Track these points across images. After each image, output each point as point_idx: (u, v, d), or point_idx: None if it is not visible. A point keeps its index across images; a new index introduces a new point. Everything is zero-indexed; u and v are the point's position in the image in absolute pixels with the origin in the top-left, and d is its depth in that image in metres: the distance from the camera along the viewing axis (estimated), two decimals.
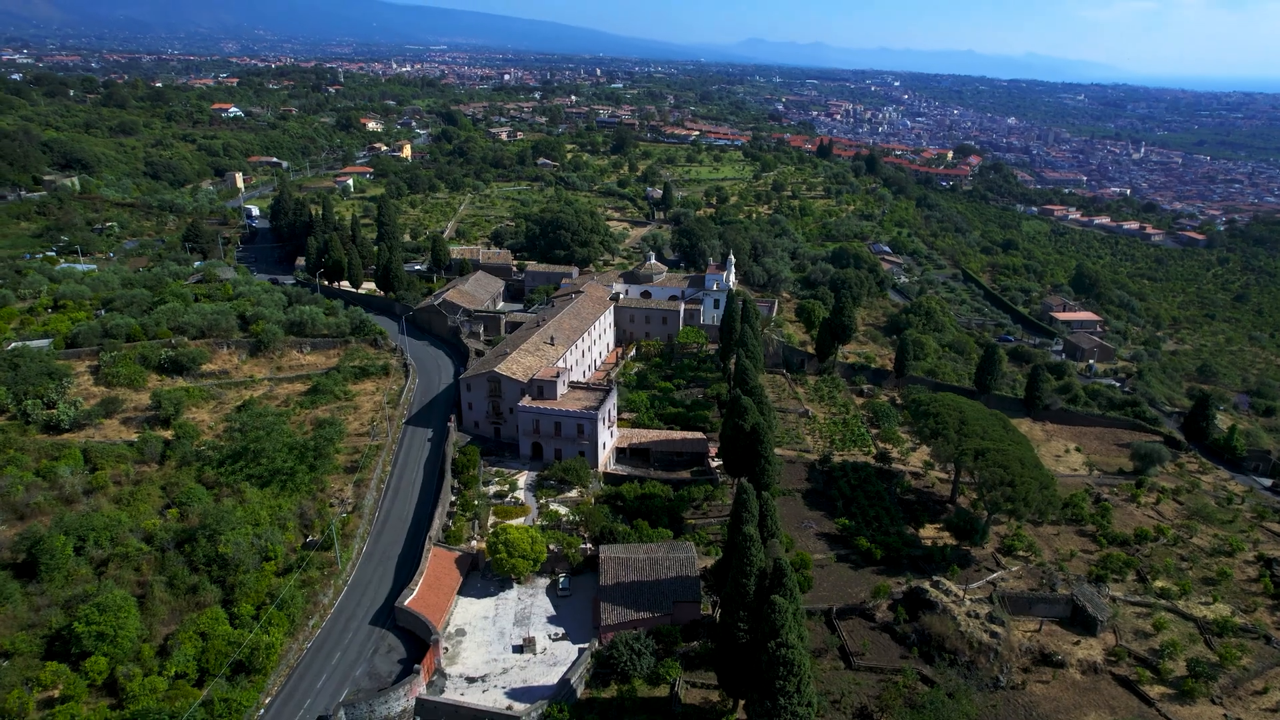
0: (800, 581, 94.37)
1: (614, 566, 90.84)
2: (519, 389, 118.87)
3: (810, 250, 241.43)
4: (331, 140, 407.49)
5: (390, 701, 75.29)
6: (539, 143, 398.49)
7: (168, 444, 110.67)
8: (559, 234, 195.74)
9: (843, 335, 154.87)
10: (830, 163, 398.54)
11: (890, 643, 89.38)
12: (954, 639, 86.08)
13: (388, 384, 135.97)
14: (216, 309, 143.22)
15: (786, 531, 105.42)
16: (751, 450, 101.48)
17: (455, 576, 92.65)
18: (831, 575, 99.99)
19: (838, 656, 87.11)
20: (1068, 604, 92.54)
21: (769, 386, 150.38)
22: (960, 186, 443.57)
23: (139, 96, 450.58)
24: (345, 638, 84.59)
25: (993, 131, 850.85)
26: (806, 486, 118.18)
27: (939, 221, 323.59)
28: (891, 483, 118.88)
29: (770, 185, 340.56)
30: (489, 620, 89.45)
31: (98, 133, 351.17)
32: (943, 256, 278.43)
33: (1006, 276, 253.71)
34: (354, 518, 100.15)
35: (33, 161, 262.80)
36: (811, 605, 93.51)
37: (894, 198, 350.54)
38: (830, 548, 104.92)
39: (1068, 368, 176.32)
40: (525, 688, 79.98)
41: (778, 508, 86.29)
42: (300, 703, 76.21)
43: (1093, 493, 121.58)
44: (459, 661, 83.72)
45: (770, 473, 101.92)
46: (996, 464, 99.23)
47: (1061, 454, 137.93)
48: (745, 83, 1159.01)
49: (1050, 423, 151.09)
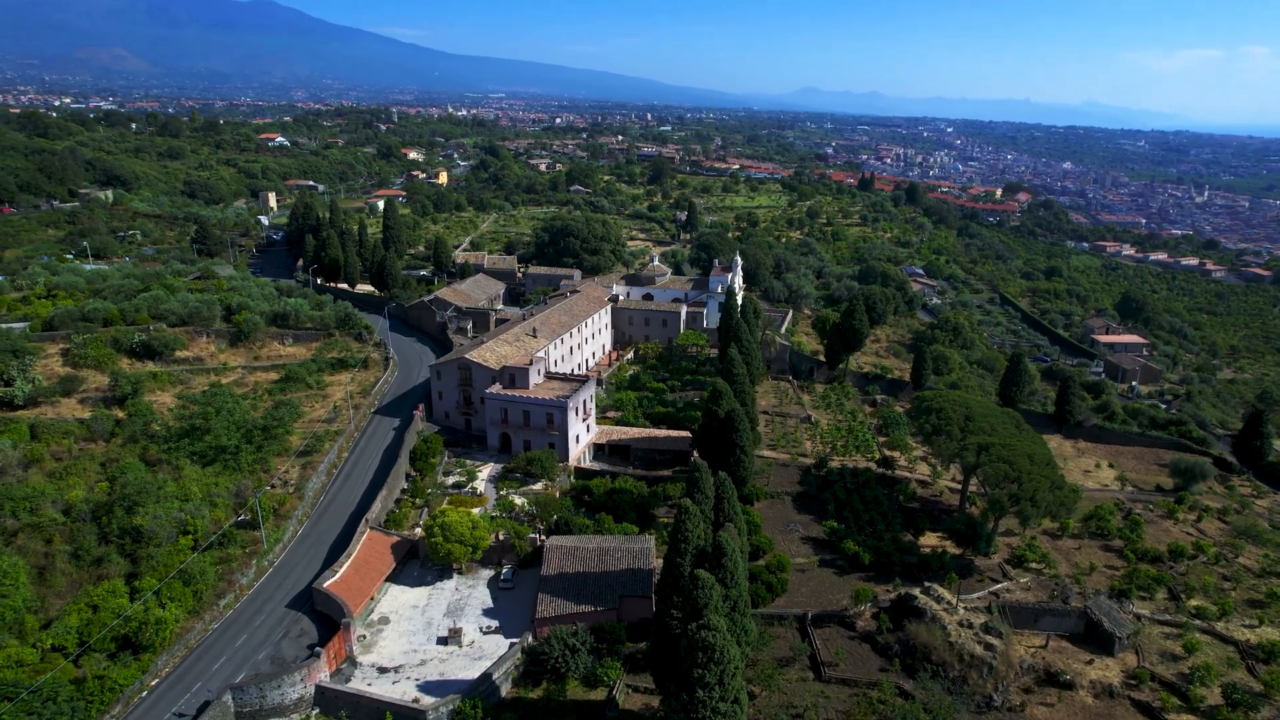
0: (774, 584, 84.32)
1: (559, 556, 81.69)
2: (490, 377, 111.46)
3: (836, 269, 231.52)
4: (370, 167, 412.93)
5: (284, 687, 66.95)
6: (573, 170, 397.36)
7: (118, 422, 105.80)
8: (568, 241, 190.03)
9: (853, 341, 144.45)
10: (870, 194, 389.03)
11: (870, 654, 78.10)
12: (941, 650, 74.52)
13: (366, 376, 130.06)
14: (200, 298, 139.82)
15: (768, 534, 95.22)
16: (725, 439, 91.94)
17: (388, 562, 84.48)
18: (812, 580, 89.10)
19: (807, 666, 76.15)
20: (1080, 618, 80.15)
21: (772, 392, 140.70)
22: (1007, 222, 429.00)
23: (194, 128, 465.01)
24: (257, 620, 76.85)
25: (1046, 175, 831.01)
26: (798, 490, 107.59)
27: (979, 249, 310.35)
28: (893, 489, 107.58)
29: (804, 212, 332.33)
30: (418, 610, 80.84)
31: (146, 157, 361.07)
32: (980, 281, 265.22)
33: (1047, 300, 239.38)
34: (291, 498, 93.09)
35: (71, 176, 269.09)
36: (783, 610, 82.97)
37: (934, 227, 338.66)
38: (815, 552, 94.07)
39: (1106, 386, 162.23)
40: (441, 681, 70.92)
41: (734, 490, 76.55)
42: (190, 685, 68.36)
43: (1123, 508, 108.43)
44: (375, 650, 75.12)
45: (746, 464, 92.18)
46: (1001, 459, 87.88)
47: (1091, 469, 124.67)
48: (796, 128, 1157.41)
49: (1083, 440, 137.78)
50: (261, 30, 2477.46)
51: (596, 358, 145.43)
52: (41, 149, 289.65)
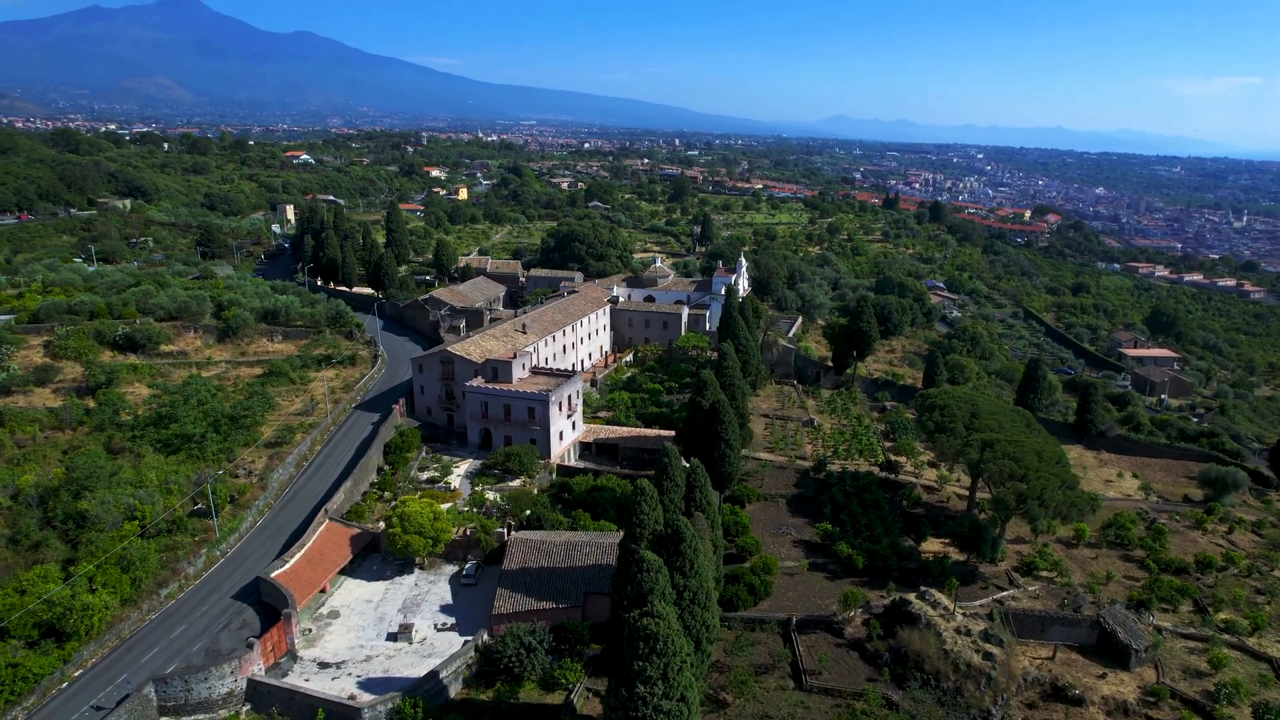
0: (757, 586, 77.96)
1: (523, 550, 76.12)
2: (473, 370, 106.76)
3: (853, 280, 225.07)
4: (391, 184, 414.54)
5: (212, 680, 61.88)
6: (592, 187, 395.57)
7: (88, 411, 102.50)
8: (573, 246, 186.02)
9: (861, 345, 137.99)
10: (893, 212, 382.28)
11: (858, 662, 71.32)
12: (935, 659, 67.60)
13: (352, 373, 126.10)
14: (191, 294, 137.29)
15: (757, 536, 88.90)
16: (709, 432, 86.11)
17: (344, 554, 79.40)
18: (801, 584, 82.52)
19: (787, 674, 69.58)
20: (1093, 628, 72.73)
21: (774, 396, 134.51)
22: (1035, 243, 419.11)
23: (223, 146, 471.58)
24: (199, 611, 72.03)
25: (1079, 200, 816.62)
26: (794, 493, 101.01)
27: (1004, 266, 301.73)
28: (896, 494, 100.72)
29: (824, 229, 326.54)
30: (371, 605, 75.54)
31: (171, 172, 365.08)
32: (1004, 297, 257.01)
33: (1072, 315, 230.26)
34: (253, 488, 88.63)
35: (90, 185, 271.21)
36: (765, 614, 76.50)
37: (958, 244, 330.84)
38: (807, 555, 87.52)
39: (1132, 398, 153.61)
40: (385, 678, 65.44)
41: (706, 479, 70.68)
42: (115, 677, 63.47)
43: (1146, 517, 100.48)
44: (319, 645, 69.86)
45: (731, 459, 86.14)
46: (1007, 455, 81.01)
47: (1113, 479, 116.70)
48: (824, 153, 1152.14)
49: (1106, 452, 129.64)
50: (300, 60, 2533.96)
51: (593, 359, 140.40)
52: (66, 161, 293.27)
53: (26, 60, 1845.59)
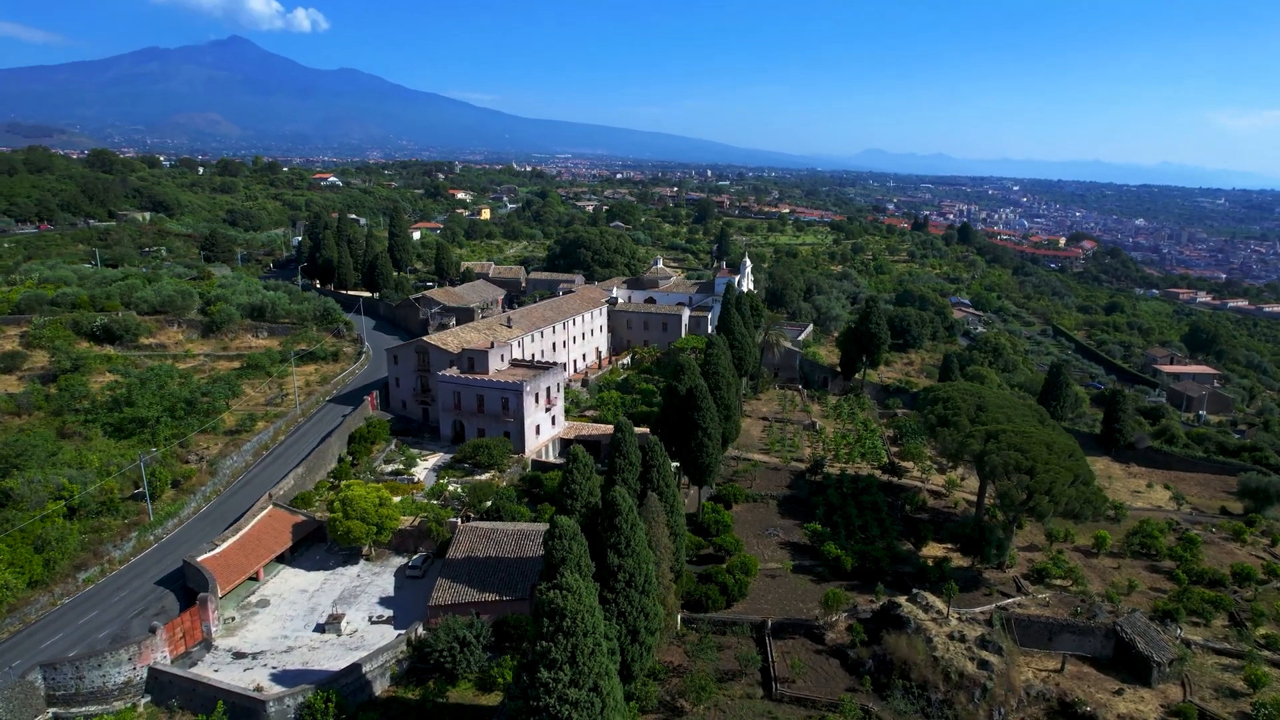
0: (730, 586, 70.41)
1: (470, 539, 69.55)
2: (448, 361, 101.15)
3: (872, 293, 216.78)
4: (416, 205, 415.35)
5: (107, 668, 55.85)
6: (614, 208, 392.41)
7: (48, 397, 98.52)
8: (579, 252, 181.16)
9: (870, 347, 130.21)
10: (921, 234, 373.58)
11: (838, 670, 63.29)
12: (924, 667, 59.43)
13: (334, 368, 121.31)
14: (177, 288, 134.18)
15: (739, 536, 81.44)
16: (686, 420, 79.14)
17: (283, 541, 73.40)
18: (783, 586, 74.72)
19: (756, 681, 61.82)
20: (1108, 637, 63.96)
21: (777, 400, 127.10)
22: (1070, 268, 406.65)
23: (254, 169, 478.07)
24: (117, 595, 66.37)
25: (1117, 231, 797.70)
26: (786, 493, 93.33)
27: (1034, 286, 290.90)
28: (898, 498, 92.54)
29: (849, 248, 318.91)
30: (306, 594, 69.28)
31: (199, 191, 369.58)
32: (1033, 315, 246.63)
33: (1104, 332, 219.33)
34: (200, 473, 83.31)
35: (112, 199, 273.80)
36: (738, 616, 68.83)
37: (987, 266, 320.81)
38: (793, 557, 79.74)
39: (1166, 411, 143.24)
40: (304, 670, 58.93)
41: (666, 459, 63.69)
42: (7, 663, 57.82)
43: (1177, 528, 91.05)
44: (240, 634, 63.63)
45: (710, 449, 78.90)
46: (1012, 446, 72.91)
47: (1141, 489, 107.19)
48: (857, 185, 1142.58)
49: (1136, 465, 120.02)
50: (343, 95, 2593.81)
51: (588, 360, 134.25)
52: (93, 177, 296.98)
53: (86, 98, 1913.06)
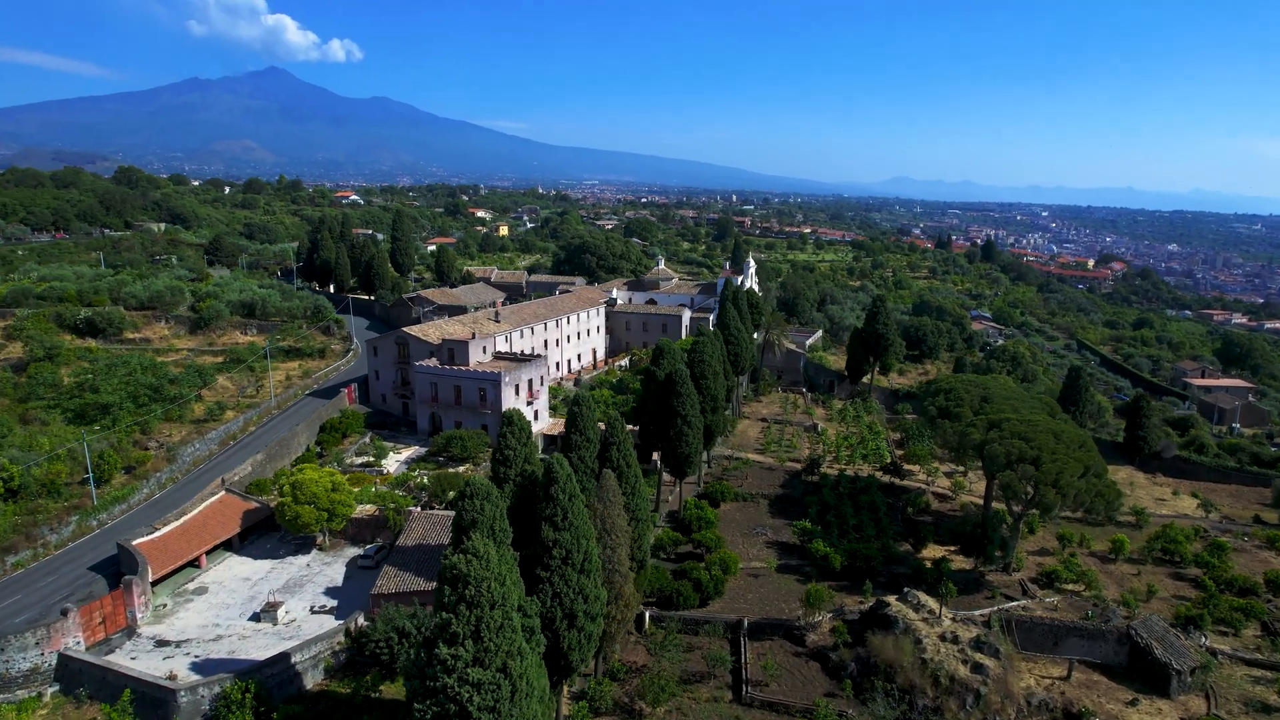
0: (705, 583, 64.82)
1: (423, 526, 64.76)
2: (428, 352, 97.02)
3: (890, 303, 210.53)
4: (434, 223, 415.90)
5: (10, 653, 51.66)
6: (630, 224, 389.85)
7: (15, 385, 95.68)
8: (584, 258, 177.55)
9: (878, 349, 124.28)
10: (943, 251, 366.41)
11: (818, 674, 57.38)
12: (910, 670, 53.37)
13: (319, 364, 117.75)
14: (167, 284, 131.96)
15: (725, 535, 75.88)
16: (665, 407, 74.00)
17: (231, 527, 69.01)
18: (765, 586, 68.93)
19: (726, 684, 56.10)
20: (1121, 642, 57.43)
21: (779, 402, 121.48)
22: (1098, 289, 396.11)
23: (277, 187, 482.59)
24: (46, 580, 62.13)
25: (1150, 256, 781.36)
26: (779, 493, 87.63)
27: (1059, 303, 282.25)
28: (899, 499, 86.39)
29: (869, 265, 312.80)
30: (249, 583, 64.68)
31: (219, 206, 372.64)
32: (1057, 330, 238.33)
33: (1132, 347, 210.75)
34: (156, 459, 79.40)
35: (129, 210, 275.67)
36: (712, 615, 63.18)
37: (1011, 283, 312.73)
38: (781, 556, 73.94)
39: (1196, 421, 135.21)
40: (229, 660, 54.17)
41: (626, 434, 58.61)
42: None
43: (1205, 535, 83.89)
44: (169, 621, 59.11)
45: (690, 439, 73.58)
46: (1016, 434, 66.87)
47: (1166, 497, 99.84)
48: (884, 210, 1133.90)
49: (1163, 475, 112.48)
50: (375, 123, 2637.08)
51: (583, 360, 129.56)
52: (113, 190, 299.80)
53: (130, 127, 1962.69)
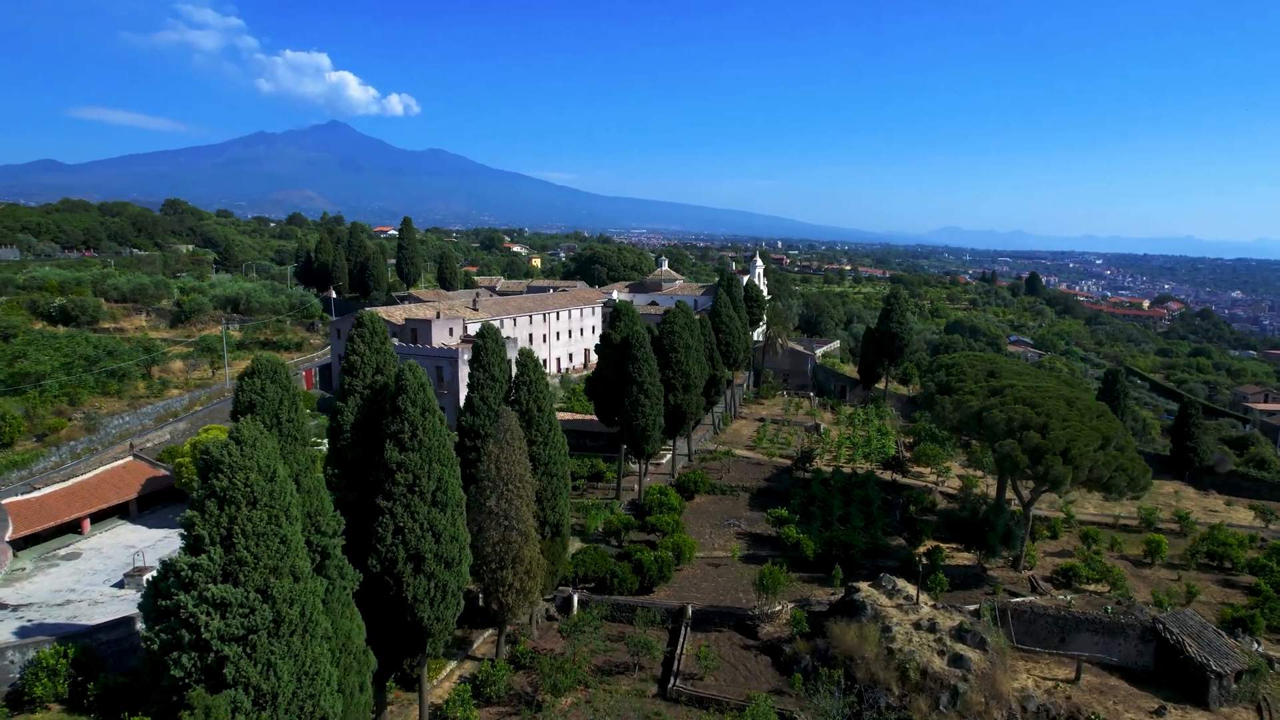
0: (648, 565, 55.56)
1: None
2: (392, 332, 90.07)
3: (919, 325, 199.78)
4: (469, 255, 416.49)
5: None
6: (660, 255, 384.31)
7: None
8: (594, 268, 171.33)
9: (891, 350, 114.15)
10: (985, 284, 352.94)
11: (767, 668, 47.47)
12: (874, 662, 43.21)
13: (294, 356, 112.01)
14: (154, 280, 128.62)
15: (695, 525, 66.56)
16: (620, 372, 65.48)
17: (127, 493, 61.96)
18: (726, 575, 59.23)
19: (654, 677, 46.51)
20: (1145, 638, 46.42)
21: (781, 404, 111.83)
22: (1153, 328, 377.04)
23: (317, 223, 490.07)
24: None
25: (1211, 303, 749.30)
26: (764, 486, 77.85)
27: (1108, 334, 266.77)
28: (900, 495, 75.90)
29: (906, 295, 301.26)
30: (131, 550, 57.09)
31: (258, 236, 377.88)
32: (1104, 358, 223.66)
33: (1186, 373, 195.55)
34: (72, 427, 73.19)
35: (160, 232, 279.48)
36: (653, 601, 53.76)
37: (1057, 316, 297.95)
38: (750, 547, 64.16)
39: (1256, 440, 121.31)
40: (64, 624, 46.42)
41: (539, 370, 50.08)
42: None
43: (1262, 544, 71.63)
44: (19, 585, 51.64)
45: (647, 411, 64.70)
46: (1020, 400, 56.79)
47: (1218, 509, 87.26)
48: (932, 258, 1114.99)
49: (1218, 491, 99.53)
50: (430, 174, 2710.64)
51: (575, 360, 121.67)
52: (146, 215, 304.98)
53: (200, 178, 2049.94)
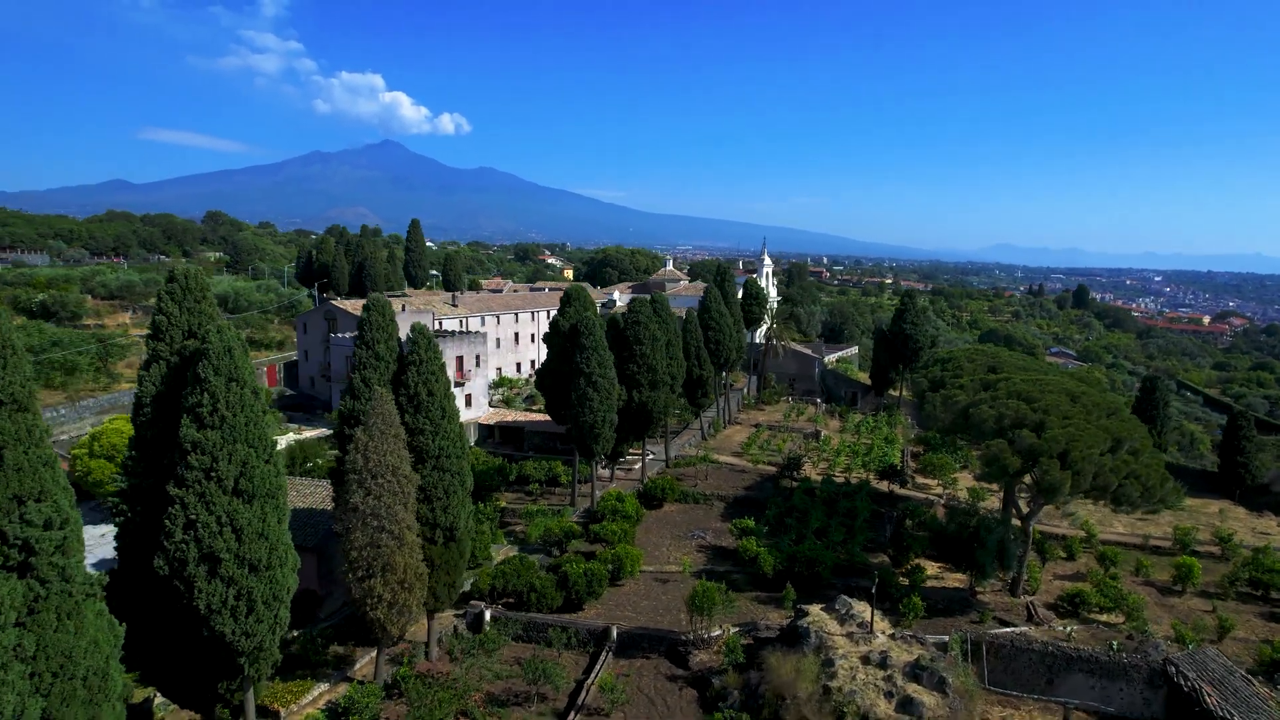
0: (575, 581, 48.52)
1: None
2: (355, 326, 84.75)
3: (951, 334, 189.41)
4: (501, 265, 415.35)
5: None
6: (694, 266, 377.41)
7: None
8: (605, 271, 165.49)
9: (905, 353, 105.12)
10: (1031, 297, 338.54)
11: (691, 704, 39.89)
12: (806, 704, 35.37)
13: (274, 355, 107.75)
14: (143, 277, 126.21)
15: (653, 536, 59.35)
16: (566, 362, 58.63)
17: None
18: (673, 593, 51.72)
19: (554, 710, 39.29)
20: (1154, 683, 37.63)
21: (779, 410, 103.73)
22: (1214, 344, 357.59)
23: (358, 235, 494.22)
24: None
25: None
26: (743, 494, 70.08)
27: (1160, 347, 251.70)
28: (896, 508, 67.50)
29: (944, 305, 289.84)
30: None
31: (292, 247, 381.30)
32: (1154, 372, 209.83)
33: (1244, 387, 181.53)
34: None
35: (189, 240, 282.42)
36: (576, 621, 46.57)
37: (1105, 329, 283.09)
38: (710, 561, 56.58)
39: None
40: None
41: (429, 338, 43.26)
42: None
43: None
44: None
45: (596, 406, 57.68)
46: (1014, 394, 48.47)
47: (1273, 530, 76.76)
48: (981, 274, 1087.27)
49: (1272, 513, 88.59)
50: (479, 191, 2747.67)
51: None
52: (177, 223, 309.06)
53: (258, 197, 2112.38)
